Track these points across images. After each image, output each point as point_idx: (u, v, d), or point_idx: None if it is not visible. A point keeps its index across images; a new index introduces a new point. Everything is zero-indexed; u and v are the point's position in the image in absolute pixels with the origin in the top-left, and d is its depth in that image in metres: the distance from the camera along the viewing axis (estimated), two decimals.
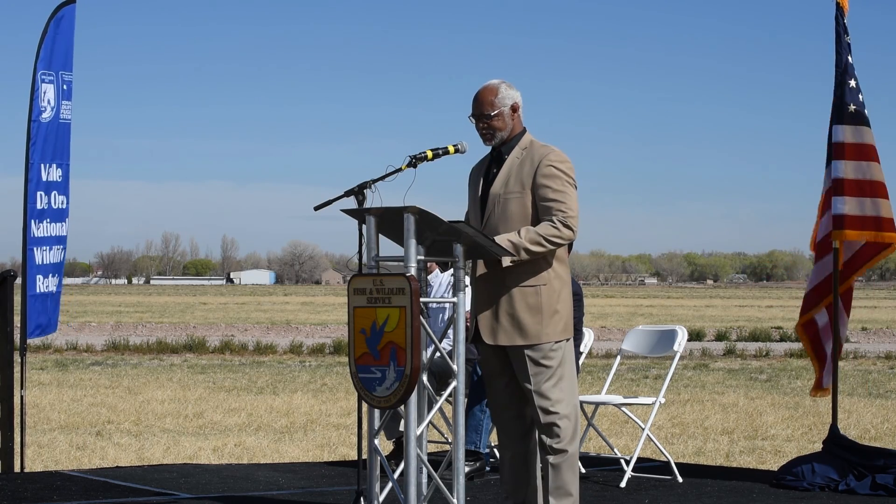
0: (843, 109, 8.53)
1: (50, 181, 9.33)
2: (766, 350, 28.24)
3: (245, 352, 28.35)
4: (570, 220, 6.34)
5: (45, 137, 9.27)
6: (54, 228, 9.40)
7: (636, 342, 9.37)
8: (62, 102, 9.39)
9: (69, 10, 9.41)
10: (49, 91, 9.27)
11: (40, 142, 9.24)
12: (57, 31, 9.33)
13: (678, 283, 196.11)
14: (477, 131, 6.54)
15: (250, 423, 14.35)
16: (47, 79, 9.26)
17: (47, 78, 9.25)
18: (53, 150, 9.35)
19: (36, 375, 20.62)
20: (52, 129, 9.32)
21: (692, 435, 13.31)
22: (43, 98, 9.22)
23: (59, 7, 9.37)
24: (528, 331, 6.37)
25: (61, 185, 9.45)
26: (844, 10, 8.61)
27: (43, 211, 9.30)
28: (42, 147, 9.25)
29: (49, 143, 9.31)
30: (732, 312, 58.42)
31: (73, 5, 9.42)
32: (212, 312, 55.82)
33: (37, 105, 9.19)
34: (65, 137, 9.44)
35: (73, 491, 8.13)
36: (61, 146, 9.42)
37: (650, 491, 8.35)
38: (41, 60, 9.22)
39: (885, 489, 8.09)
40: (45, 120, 9.24)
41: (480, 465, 8.75)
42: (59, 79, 9.36)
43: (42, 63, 9.23)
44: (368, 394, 6.21)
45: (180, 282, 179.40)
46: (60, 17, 9.37)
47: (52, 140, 9.33)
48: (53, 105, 9.31)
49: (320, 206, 6.95)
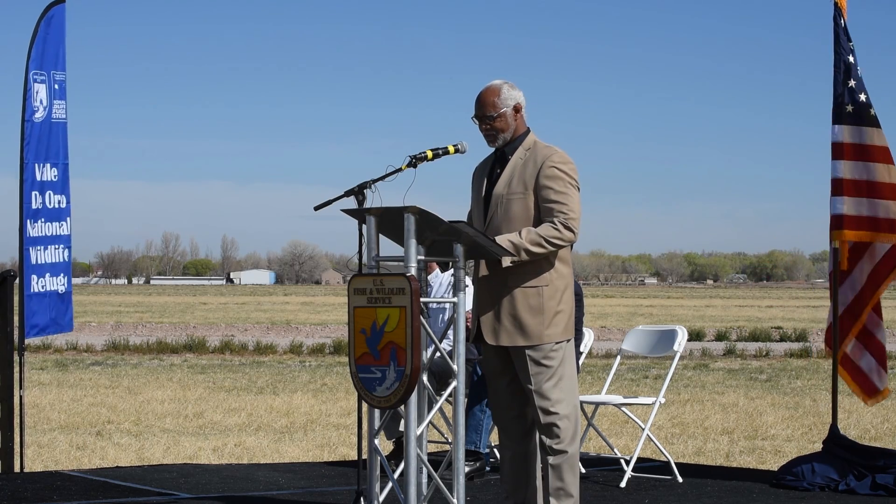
0: (842, 109, 8.53)
1: (44, 181, 9.33)
2: (766, 350, 28.23)
3: (245, 352, 28.35)
4: (572, 222, 6.34)
5: (39, 137, 9.29)
6: (51, 228, 9.40)
7: (636, 342, 9.37)
8: (54, 102, 9.39)
9: (59, 10, 9.43)
10: (41, 91, 9.28)
11: (34, 142, 9.25)
12: (48, 31, 9.35)
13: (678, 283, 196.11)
14: (481, 132, 6.55)
15: (250, 423, 14.35)
16: (39, 78, 9.26)
17: (39, 78, 9.26)
18: (47, 149, 9.35)
19: (36, 375, 20.62)
20: (44, 129, 9.33)
21: (692, 435, 13.31)
22: (35, 98, 9.24)
23: (49, 7, 9.38)
24: (529, 331, 6.37)
25: (57, 185, 9.44)
26: (843, 10, 8.61)
27: (38, 210, 9.31)
28: (35, 147, 9.27)
29: (42, 143, 9.32)
30: (732, 312, 58.42)
31: (62, 5, 9.44)
32: (212, 312, 55.82)
33: (30, 105, 9.21)
34: (59, 137, 9.45)
35: (73, 491, 8.13)
36: (55, 146, 9.42)
37: (650, 491, 8.34)
38: (33, 60, 9.23)
39: (885, 489, 8.09)
40: (38, 120, 9.25)
41: (480, 465, 8.74)
42: (51, 78, 9.37)
43: (34, 63, 9.24)
44: (368, 394, 6.20)
45: (180, 282, 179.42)
46: (51, 16, 9.38)
47: (45, 140, 9.34)
48: (46, 105, 9.32)
49: (320, 206, 6.95)
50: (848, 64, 8.53)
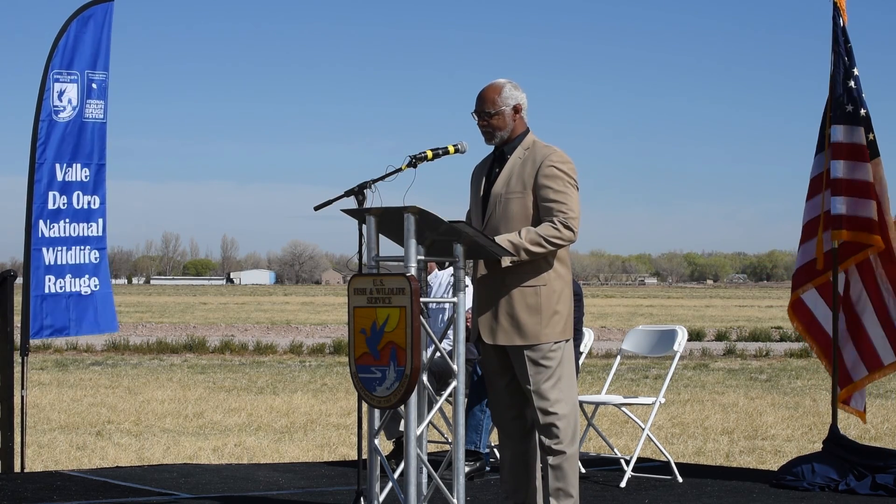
0: (841, 110, 8.53)
1: (69, 181, 9.34)
2: (766, 350, 28.22)
3: (245, 352, 28.34)
4: (571, 222, 6.34)
5: (63, 137, 9.29)
6: (78, 229, 9.42)
7: (636, 342, 9.37)
8: (89, 102, 9.39)
9: (100, 9, 9.43)
10: (70, 90, 9.29)
11: (55, 141, 9.25)
12: (83, 30, 9.35)
13: (678, 283, 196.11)
14: (478, 128, 6.55)
15: (250, 423, 14.35)
16: (65, 78, 9.26)
17: (65, 77, 9.26)
18: (74, 149, 9.35)
19: (36, 375, 20.61)
20: (72, 129, 9.33)
21: (692, 435, 13.31)
22: (61, 98, 9.24)
23: (86, 6, 9.39)
24: (527, 331, 6.37)
25: (89, 186, 9.46)
26: (842, 10, 8.61)
27: (59, 211, 9.31)
28: (58, 147, 9.27)
29: (67, 143, 9.32)
30: (732, 312, 58.41)
31: (107, 4, 9.45)
32: (212, 312, 55.81)
33: (47, 104, 9.21)
34: (93, 137, 9.46)
35: (73, 491, 8.13)
36: (86, 146, 9.43)
37: (650, 491, 8.35)
38: (57, 59, 9.24)
39: (885, 489, 8.09)
40: (62, 120, 9.26)
41: (480, 465, 8.75)
42: (85, 78, 9.37)
43: (59, 62, 9.24)
44: (368, 394, 6.21)
45: (180, 282, 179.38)
46: (88, 15, 9.38)
47: (71, 140, 9.33)
48: (76, 104, 9.32)
49: (320, 206, 6.96)
50: (847, 64, 8.54)
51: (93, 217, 9.53)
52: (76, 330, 9.51)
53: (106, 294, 9.64)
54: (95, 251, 9.56)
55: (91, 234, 9.52)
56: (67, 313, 9.41)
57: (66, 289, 9.39)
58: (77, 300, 9.47)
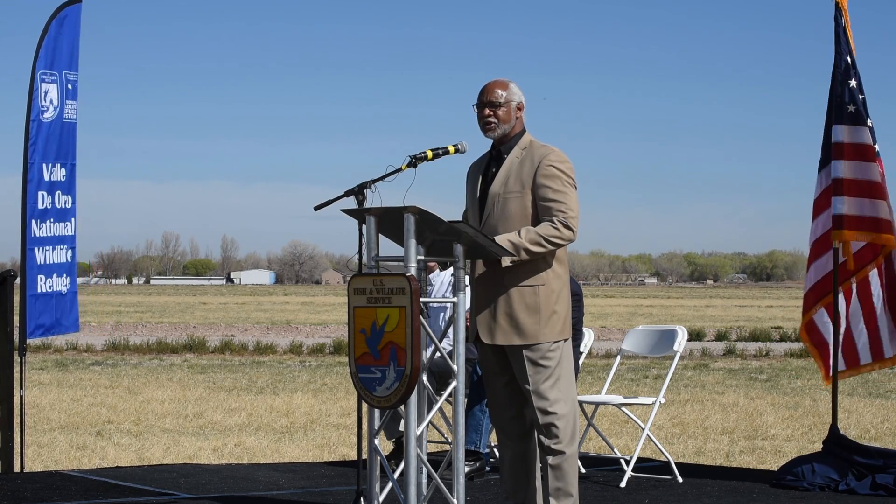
0: (842, 109, 8.53)
1: (53, 181, 9.33)
2: (766, 350, 28.23)
3: (245, 352, 28.34)
4: (571, 221, 6.34)
5: (48, 137, 9.28)
6: (58, 228, 9.40)
7: (636, 342, 9.37)
8: (66, 102, 9.39)
9: (73, 10, 9.41)
10: (52, 91, 9.28)
11: (41, 142, 9.24)
12: (60, 31, 9.33)
13: (678, 283, 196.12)
14: (478, 121, 6.52)
15: (250, 423, 14.35)
16: (48, 78, 9.25)
17: (48, 78, 9.25)
18: (57, 149, 9.35)
19: (36, 375, 20.61)
20: (55, 129, 9.32)
21: (692, 435, 13.31)
22: (44, 98, 9.23)
23: (62, 7, 9.37)
24: (525, 331, 6.37)
25: (65, 185, 9.45)
26: (844, 10, 8.61)
27: (46, 211, 9.30)
28: (44, 147, 9.26)
29: (52, 143, 9.31)
30: (732, 312, 58.42)
31: (78, 5, 9.43)
32: (212, 312, 55.82)
33: (36, 105, 9.20)
34: (69, 137, 9.45)
35: (73, 491, 8.13)
36: (66, 146, 9.42)
37: (650, 491, 8.35)
38: (42, 60, 9.23)
39: (885, 489, 8.09)
40: (47, 120, 9.25)
41: (480, 465, 8.74)
42: (63, 78, 9.36)
43: (43, 63, 9.23)
44: (368, 394, 6.21)
45: (180, 282, 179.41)
46: (64, 16, 9.37)
47: (55, 140, 9.33)
48: (56, 105, 9.31)
49: (320, 206, 6.96)
50: (848, 64, 8.53)
51: (67, 216, 9.52)
52: (57, 329, 9.49)
53: (74, 294, 9.62)
54: (70, 250, 9.55)
55: (67, 234, 9.51)
56: (54, 313, 9.40)
57: (54, 288, 9.38)
58: (58, 299, 9.45)
